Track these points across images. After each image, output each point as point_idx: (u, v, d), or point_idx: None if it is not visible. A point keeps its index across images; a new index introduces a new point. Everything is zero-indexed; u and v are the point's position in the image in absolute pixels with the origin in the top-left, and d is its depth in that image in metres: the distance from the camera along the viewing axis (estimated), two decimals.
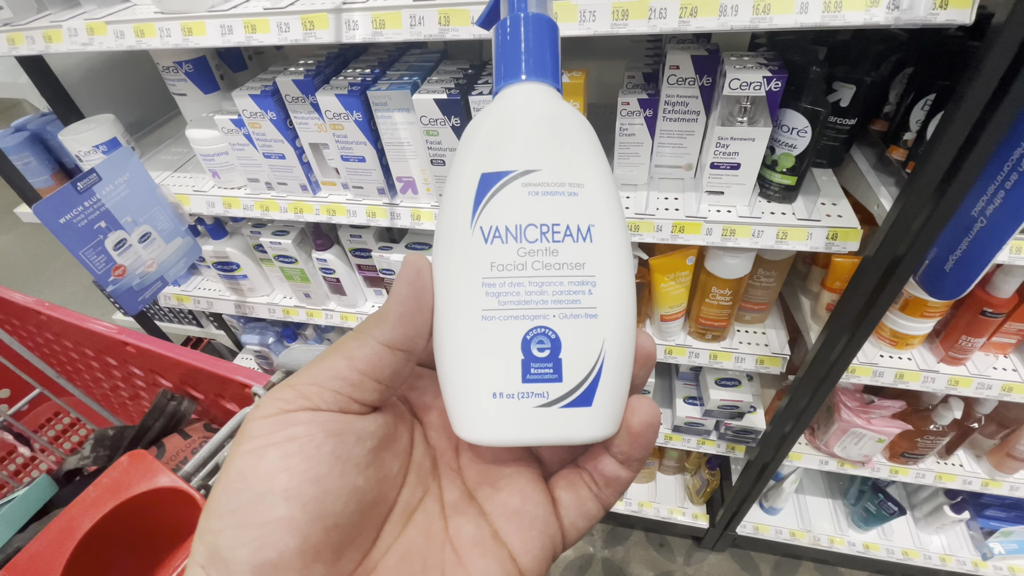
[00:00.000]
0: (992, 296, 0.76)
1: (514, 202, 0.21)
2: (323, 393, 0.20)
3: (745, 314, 0.94)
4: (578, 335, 0.21)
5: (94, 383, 0.95)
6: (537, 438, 0.21)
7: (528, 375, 0.21)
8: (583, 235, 0.21)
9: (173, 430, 0.68)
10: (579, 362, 0.21)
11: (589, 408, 0.21)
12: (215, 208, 0.90)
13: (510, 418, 0.21)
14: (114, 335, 0.71)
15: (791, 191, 0.71)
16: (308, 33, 0.64)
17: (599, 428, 0.21)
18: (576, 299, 0.21)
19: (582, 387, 0.21)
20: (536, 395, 0.21)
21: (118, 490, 0.39)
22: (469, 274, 0.21)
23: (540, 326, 0.21)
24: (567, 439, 0.21)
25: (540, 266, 0.21)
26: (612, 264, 0.22)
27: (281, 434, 0.19)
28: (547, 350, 0.21)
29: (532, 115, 0.22)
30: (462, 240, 0.22)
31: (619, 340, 0.22)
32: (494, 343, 0.21)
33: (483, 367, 0.21)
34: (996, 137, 0.52)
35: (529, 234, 0.21)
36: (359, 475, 0.20)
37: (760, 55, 0.65)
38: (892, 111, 0.77)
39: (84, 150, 0.92)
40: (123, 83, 1.12)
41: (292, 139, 0.79)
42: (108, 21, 0.71)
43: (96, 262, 0.79)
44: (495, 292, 0.21)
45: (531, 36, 0.23)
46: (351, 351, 0.21)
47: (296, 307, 1.09)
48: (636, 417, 0.22)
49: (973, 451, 1.07)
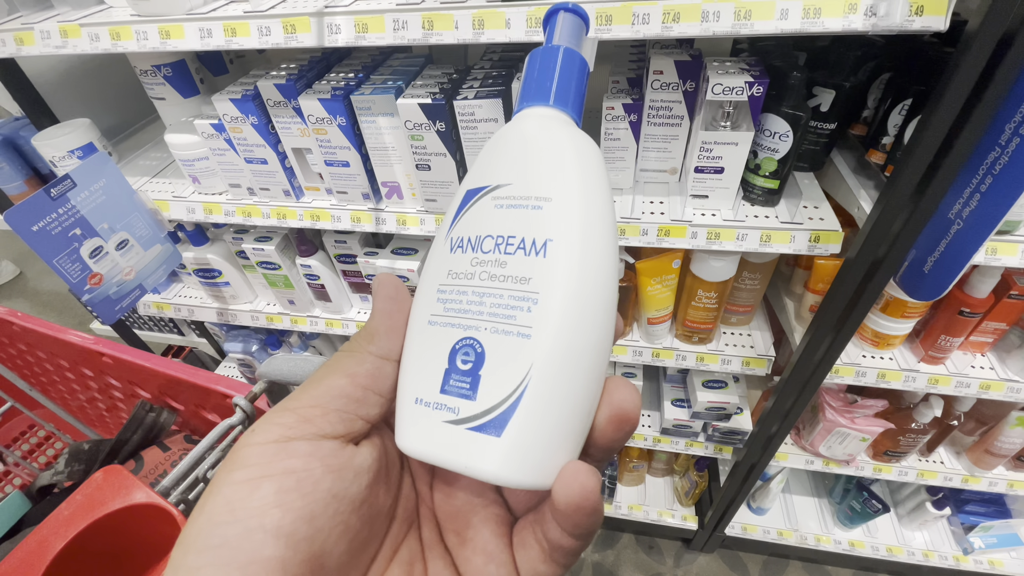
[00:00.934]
0: (969, 296, 0.78)
1: (481, 214, 0.21)
2: (328, 415, 0.19)
3: (731, 316, 0.95)
4: (504, 353, 0.19)
5: (70, 395, 0.92)
6: (440, 457, 0.19)
7: (446, 386, 0.20)
8: (536, 249, 0.20)
9: (152, 442, 0.66)
10: (497, 382, 0.19)
11: (496, 439, 0.18)
12: (195, 214, 0.88)
13: (422, 428, 0.20)
14: (89, 346, 0.69)
15: (774, 194, 0.72)
16: (290, 37, 0.63)
17: (506, 467, 0.18)
18: (511, 314, 0.19)
19: (494, 412, 0.19)
20: (447, 408, 0.19)
21: (92, 507, 0.37)
22: (431, 281, 0.22)
23: (469, 337, 0.20)
24: (468, 468, 0.18)
25: (487, 276, 0.20)
26: (565, 284, 0.19)
27: (279, 465, 0.18)
28: (470, 363, 0.19)
29: (522, 134, 0.22)
30: (437, 250, 0.23)
31: (555, 370, 0.19)
32: (429, 348, 0.21)
33: (415, 370, 0.21)
34: (971, 141, 0.53)
35: (485, 245, 0.21)
36: (353, 513, 0.19)
37: (742, 60, 0.66)
38: (871, 115, 0.78)
39: (59, 155, 0.90)
40: (100, 87, 1.10)
41: (274, 144, 0.78)
42: (82, 23, 0.69)
43: (71, 270, 0.77)
44: (444, 299, 0.21)
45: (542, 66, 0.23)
46: (350, 368, 0.21)
47: (280, 314, 1.07)
48: (560, 491, 0.18)
49: (953, 448, 1.09)
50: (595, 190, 0.21)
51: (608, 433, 0.20)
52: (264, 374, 0.49)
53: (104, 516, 0.38)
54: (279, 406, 0.20)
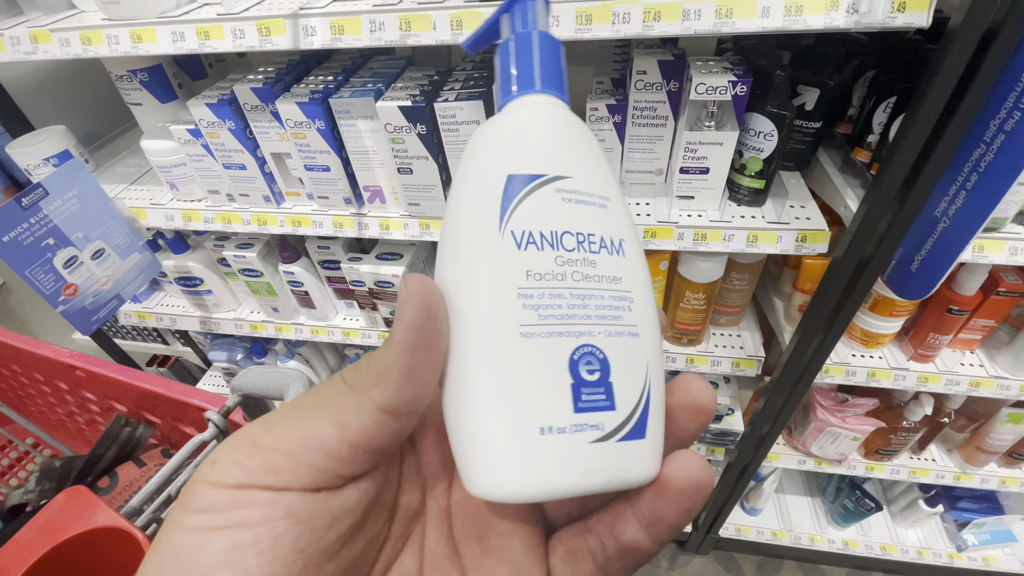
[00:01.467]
0: (957, 294, 0.77)
1: (548, 207, 0.19)
2: (299, 471, 0.16)
3: (720, 317, 0.94)
4: (625, 355, 0.18)
5: (48, 409, 0.90)
6: (593, 483, 0.17)
7: (580, 403, 0.17)
8: (616, 248, 0.20)
9: (127, 458, 0.64)
10: (629, 386, 0.18)
11: (643, 441, 0.18)
12: (174, 222, 0.86)
13: (561, 460, 0.17)
14: (63, 359, 0.67)
15: (760, 194, 0.71)
16: (265, 39, 0.61)
17: (653, 465, 0.18)
18: (618, 315, 0.19)
19: (635, 415, 0.18)
20: (591, 427, 0.17)
21: (54, 531, 0.36)
22: (500, 284, 0.18)
23: (587, 344, 0.18)
24: (624, 481, 0.17)
25: (580, 277, 0.19)
26: (644, 282, 0.20)
27: (232, 516, 0.15)
28: (597, 372, 0.18)
29: (554, 122, 0.21)
30: (488, 246, 0.18)
31: (659, 364, 0.20)
32: (538, 365, 0.17)
33: (526, 394, 0.17)
34: (956, 138, 0.53)
35: (566, 242, 0.19)
36: (329, 562, 0.16)
37: (726, 60, 0.65)
38: (856, 114, 0.78)
39: (34, 163, 0.88)
40: (76, 93, 1.08)
41: (253, 149, 0.76)
42: (52, 29, 0.67)
43: (44, 281, 0.75)
44: (534, 304, 0.18)
45: (540, 50, 0.22)
46: (343, 416, 0.16)
47: (264, 322, 1.06)
48: (683, 472, 0.18)
49: (944, 445, 1.09)
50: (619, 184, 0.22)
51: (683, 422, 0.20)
52: (237, 387, 0.48)
53: (66, 540, 0.37)
54: (250, 436, 0.17)
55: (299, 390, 0.42)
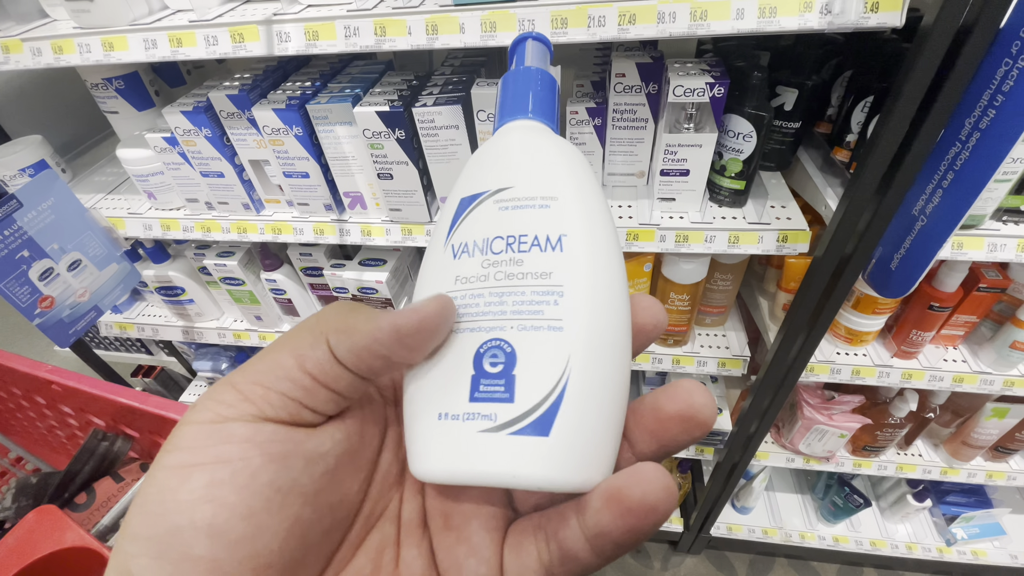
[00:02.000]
0: (938, 291, 0.78)
1: (485, 218, 0.21)
2: (269, 396, 0.17)
3: (705, 317, 0.94)
4: (537, 349, 0.18)
5: (28, 424, 0.88)
6: (483, 473, 0.17)
7: (476, 393, 0.18)
8: (552, 244, 0.20)
9: (106, 472, 0.63)
10: (536, 380, 0.18)
11: (545, 439, 0.17)
12: (152, 231, 0.85)
13: (452, 444, 0.18)
14: (40, 374, 0.66)
15: (740, 195, 0.71)
16: (238, 46, 0.61)
17: (557, 469, 0.17)
18: (539, 309, 0.19)
19: (538, 410, 0.17)
20: (483, 416, 0.18)
21: (23, 552, 0.35)
22: (434, 290, 0.21)
23: (495, 338, 0.19)
24: (516, 477, 0.17)
25: (503, 276, 0.20)
26: (587, 274, 0.19)
27: (211, 452, 0.16)
28: (500, 364, 0.18)
29: (510, 142, 0.23)
30: (435, 261, 0.22)
31: (594, 360, 0.18)
32: (447, 357, 0.19)
33: (432, 383, 0.19)
34: (931, 137, 0.53)
35: (495, 246, 0.20)
36: (305, 506, 0.17)
37: (704, 62, 0.65)
38: (835, 114, 0.78)
39: (9, 174, 0.86)
40: (52, 102, 1.06)
41: (230, 156, 0.75)
42: (24, 38, 0.66)
43: (19, 294, 0.74)
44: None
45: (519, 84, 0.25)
46: (300, 349, 0.18)
47: (248, 330, 1.04)
48: (637, 488, 0.16)
49: (931, 441, 1.10)
50: (595, 187, 0.22)
51: (673, 431, 0.18)
52: None
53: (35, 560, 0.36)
54: (224, 379, 0.18)
55: None
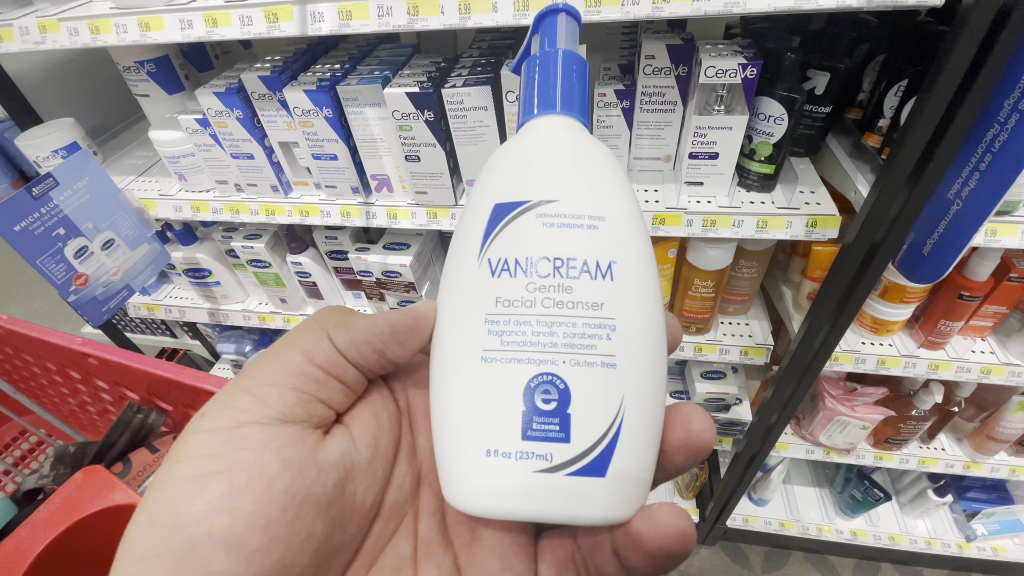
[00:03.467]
0: (969, 280, 0.77)
1: (527, 233, 0.19)
2: (284, 395, 0.17)
3: (728, 306, 0.94)
4: (592, 387, 0.18)
5: (61, 400, 0.91)
6: (534, 512, 0.17)
7: (529, 431, 0.17)
8: (602, 272, 0.19)
9: (140, 444, 0.65)
10: (592, 419, 0.17)
11: (602, 479, 0.17)
12: (183, 212, 0.87)
13: (504, 483, 0.17)
14: (75, 347, 0.67)
15: (770, 180, 0.71)
16: (272, 26, 0.61)
17: (612, 507, 0.17)
18: (591, 344, 0.18)
19: (595, 451, 0.17)
20: (537, 456, 0.17)
21: (71, 509, 0.36)
22: (471, 310, 0.19)
23: (547, 372, 0.18)
24: (571, 517, 0.17)
25: (551, 303, 0.18)
26: (636, 307, 0.19)
27: (227, 460, 0.15)
28: (553, 402, 0.17)
29: (554, 146, 0.21)
30: (467, 273, 0.20)
31: (644, 398, 0.18)
32: (492, 389, 0.18)
33: (478, 416, 0.18)
34: (969, 119, 0.52)
35: (540, 268, 0.19)
36: (317, 519, 0.17)
37: (735, 43, 0.64)
38: (866, 98, 0.77)
39: (43, 155, 0.88)
40: (85, 85, 1.08)
41: (260, 138, 0.76)
42: (61, 18, 0.67)
43: (55, 271, 0.76)
44: (498, 331, 0.18)
45: (559, 71, 0.22)
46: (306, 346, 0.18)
47: (272, 313, 1.06)
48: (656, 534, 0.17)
49: (954, 434, 1.09)
50: (635, 203, 0.21)
51: (677, 460, 0.19)
52: None
53: (83, 518, 0.37)
54: (231, 385, 0.17)
55: None
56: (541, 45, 0.24)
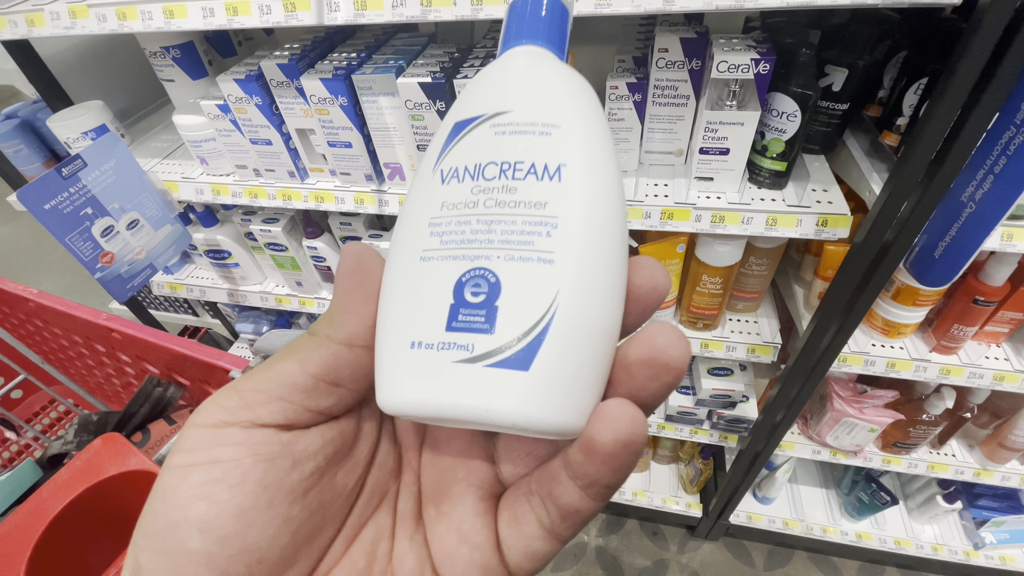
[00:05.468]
0: (984, 284, 0.75)
1: (479, 143, 0.20)
2: (270, 404, 0.18)
3: (737, 303, 0.93)
4: (524, 281, 0.17)
5: (87, 371, 0.95)
6: (450, 404, 0.17)
7: (454, 323, 0.17)
8: (549, 174, 0.19)
9: (159, 416, 0.68)
10: (520, 312, 0.17)
11: (524, 373, 0.16)
12: (204, 195, 0.90)
13: (423, 375, 0.17)
14: (100, 322, 0.71)
15: (781, 177, 0.70)
16: (290, 15, 0.63)
17: (535, 406, 0.16)
18: (529, 240, 0.18)
19: (518, 344, 0.17)
20: (459, 347, 0.17)
21: (89, 472, 0.39)
22: (418, 217, 0.20)
23: (480, 267, 0.18)
24: (489, 412, 0.16)
25: (493, 203, 0.18)
26: (586, 209, 0.18)
27: (206, 454, 0.17)
28: (482, 295, 0.17)
29: (512, 66, 0.21)
30: (422, 186, 0.20)
31: (584, 297, 0.17)
32: (425, 285, 0.18)
33: (408, 311, 0.18)
34: (984, 120, 0.51)
35: (487, 172, 0.19)
36: (293, 504, 0.18)
37: (750, 38, 0.64)
38: (886, 96, 0.75)
39: (72, 137, 0.92)
40: (113, 69, 1.11)
41: (278, 125, 0.78)
42: (90, 4, 0.70)
43: (83, 248, 0.79)
44: (439, 232, 0.19)
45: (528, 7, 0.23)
46: (304, 354, 0.19)
47: (288, 295, 1.09)
48: (606, 428, 0.16)
49: (966, 441, 1.07)
50: (599, 117, 0.21)
51: (640, 378, 0.17)
52: (260, 350, 0.50)
53: (101, 481, 0.40)
54: (230, 385, 0.19)
55: None
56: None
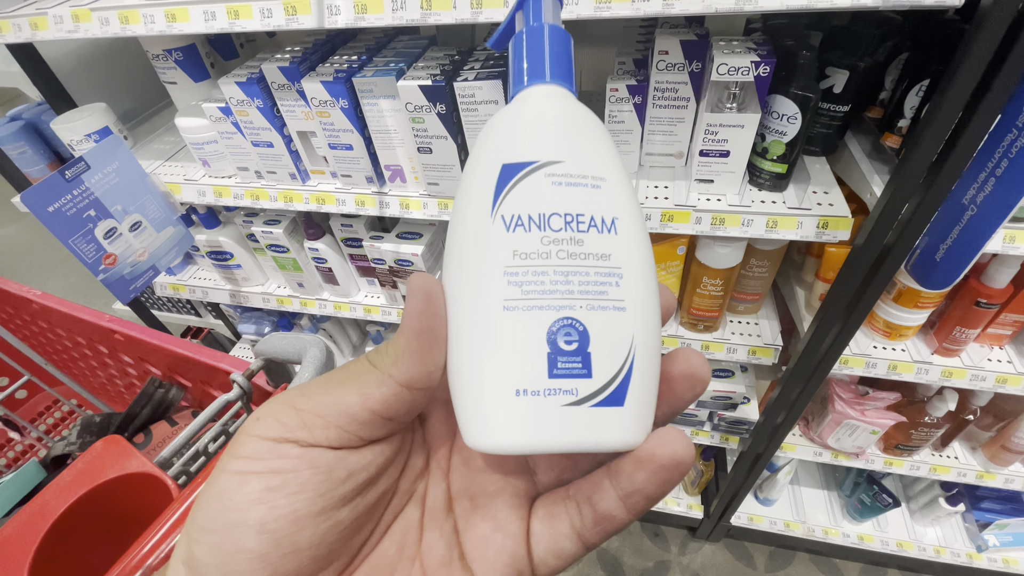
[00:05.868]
0: (987, 287, 0.75)
1: (537, 191, 0.21)
2: (328, 429, 0.19)
3: (738, 304, 0.93)
4: (607, 327, 0.20)
5: (90, 372, 0.96)
6: (565, 443, 0.19)
7: (555, 370, 0.19)
8: (607, 227, 0.21)
9: (161, 417, 0.68)
10: (609, 356, 0.20)
11: (621, 408, 0.19)
12: (206, 197, 0.90)
13: (535, 418, 0.19)
14: (103, 323, 0.71)
15: (782, 179, 0.70)
16: (291, 19, 0.63)
17: (631, 432, 0.20)
18: (603, 290, 0.20)
19: (613, 384, 0.19)
20: (564, 392, 0.19)
21: (91, 475, 0.39)
22: (489, 264, 0.20)
23: (567, 317, 0.20)
24: (598, 444, 0.19)
25: (565, 255, 0.20)
26: (637, 258, 0.21)
27: (267, 463, 0.18)
28: (575, 343, 0.19)
29: (553, 111, 0.23)
30: (482, 230, 0.21)
31: (649, 336, 0.21)
32: (517, 335, 0.20)
33: (506, 361, 0.20)
34: (986, 122, 0.51)
35: (553, 223, 0.20)
36: (342, 509, 0.19)
37: (750, 40, 0.64)
38: (888, 98, 0.75)
39: (76, 139, 0.92)
40: (116, 71, 1.12)
41: (280, 127, 0.79)
42: (93, 8, 0.70)
43: (86, 250, 0.80)
44: (518, 281, 0.20)
45: (548, 43, 0.24)
46: (366, 388, 0.20)
47: (290, 296, 1.09)
48: (667, 447, 0.19)
49: (968, 443, 1.07)
50: (624, 169, 0.23)
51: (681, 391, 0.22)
52: (260, 352, 0.50)
53: (102, 483, 0.40)
54: (289, 399, 0.20)
55: (316, 355, 0.44)
56: (526, 20, 0.25)
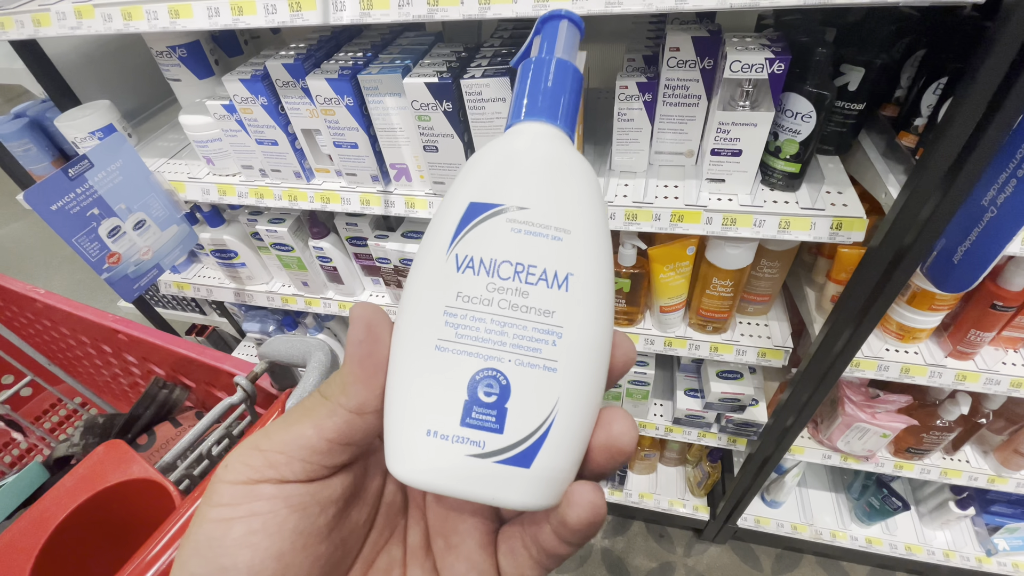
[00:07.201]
0: (1003, 289, 0.73)
1: (495, 235, 0.20)
2: (292, 464, 0.20)
3: (747, 306, 0.92)
4: (531, 386, 0.19)
5: (94, 371, 0.95)
6: (463, 491, 0.19)
7: (468, 419, 0.19)
8: (559, 282, 0.20)
9: (164, 418, 0.68)
10: (526, 416, 0.19)
11: (526, 470, 0.19)
12: (210, 195, 0.89)
13: (439, 462, 0.19)
14: (106, 323, 0.71)
15: (795, 179, 0.69)
16: (296, 15, 0.62)
17: (533, 496, 0.19)
18: (537, 347, 0.19)
19: (523, 444, 0.19)
20: (471, 442, 0.19)
21: (92, 480, 0.38)
22: (433, 300, 0.20)
23: (492, 368, 0.19)
24: (495, 499, 0.19)
25: (507, 305, 0.20)
26: (585, 319, 0.20)
27: (245, 508, 0.19)
28: (494, 395, 0.19)
29: (533, 154, 0.22)
30: (435, 266, 0.21)
31: (577, 404, 0.20)
32: (441, 376, 0.20)
33: (424, 399, 0.20)
34: (1008, 122, 0.49)
35: (503, 270, 0.20)
36: (321, 543, 0.20)
37: (764, 36, 0.62)
38: (904, 95, 0.74)
39: (80, 136, 0.92)
40: (120, 68, 1.11)
41: (284, 125, 0.78)
42: (96, 4, 0.69)
43: (90, 249, 0.79)
44: (455, 323, 0.20)
45: (553, 79, 0.23)
46: (319, 419, 0.20)
47: (294, 295, 1.09)
48: (573, 511, 0.19)
49: (980, 447, 1.05)
50: (604, 220, 0.22)
51: (600, 461, 0.21)
52: (264, 355, 0.49)
53: (104, 489, 0.39)
54: (252, 442, 0.20)
55: (321, 359, 0.43)
56: (540, 49, 0.24)
